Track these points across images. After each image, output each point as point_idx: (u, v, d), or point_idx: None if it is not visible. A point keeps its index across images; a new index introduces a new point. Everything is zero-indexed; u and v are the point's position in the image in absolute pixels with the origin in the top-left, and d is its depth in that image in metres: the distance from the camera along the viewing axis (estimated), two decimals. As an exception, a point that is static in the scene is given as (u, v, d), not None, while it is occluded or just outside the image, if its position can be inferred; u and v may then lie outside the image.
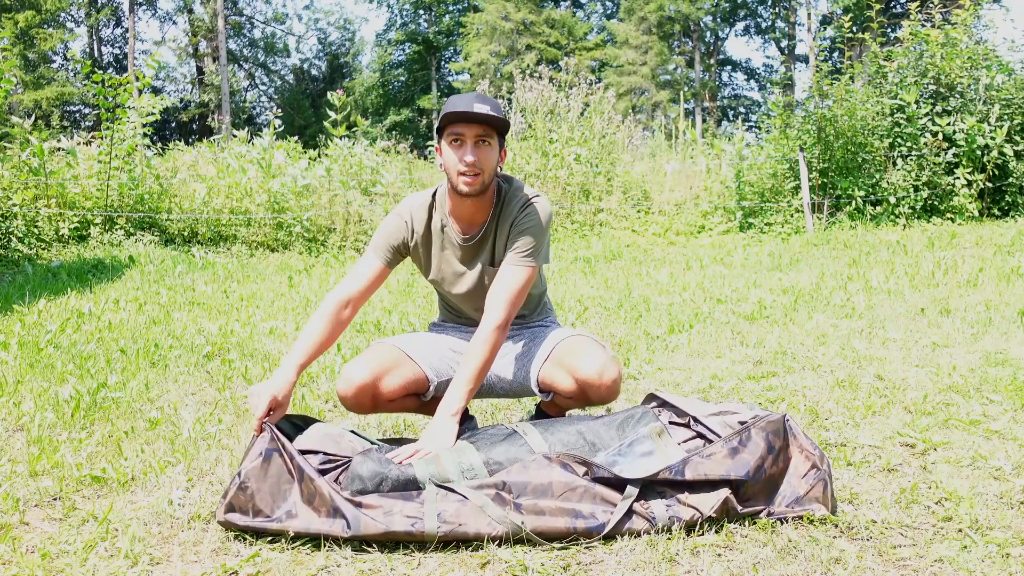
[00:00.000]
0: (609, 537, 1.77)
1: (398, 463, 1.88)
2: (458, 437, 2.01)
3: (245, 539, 1.80)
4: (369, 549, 1.76)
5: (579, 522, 1.77)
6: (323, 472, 1.89)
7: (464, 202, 2.18)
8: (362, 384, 2.16)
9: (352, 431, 2.07)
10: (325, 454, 1.94)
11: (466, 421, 2.46)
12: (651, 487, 1.83)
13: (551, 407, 2.37)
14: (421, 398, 2.33)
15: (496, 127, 2.10)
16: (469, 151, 2.08)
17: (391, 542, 1.78)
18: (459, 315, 2.44)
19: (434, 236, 2.27)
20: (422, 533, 1.75)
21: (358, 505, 1.77)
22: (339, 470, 1.93)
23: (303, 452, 1.91)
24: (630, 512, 1.79)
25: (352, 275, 2.23)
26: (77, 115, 32.22)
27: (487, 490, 1.81)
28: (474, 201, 2.17)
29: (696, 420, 2.03)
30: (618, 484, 1.82)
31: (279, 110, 10.98)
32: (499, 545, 1.76)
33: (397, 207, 2.30)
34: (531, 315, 2.44)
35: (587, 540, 1.77)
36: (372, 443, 2.06)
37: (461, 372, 2.08)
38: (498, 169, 2.18)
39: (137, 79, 8.07)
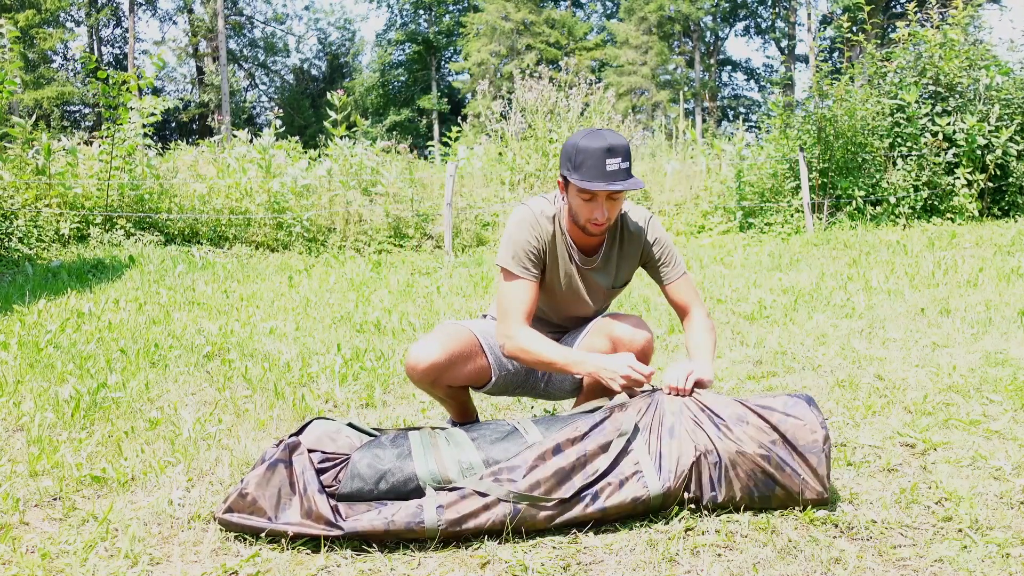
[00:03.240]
0: (604, 528, 1.77)
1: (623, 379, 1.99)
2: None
3: (245, 539, 1.80)
4: (369, 549, 1.76)
5: (575, 478, 1.82)
6: (322, 471, 1.89)
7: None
8: (436, 364, 2.16)
9: (350, 424, 2.07)
10: (323, 452, 1.94)
11: (470, 422, 2.46)
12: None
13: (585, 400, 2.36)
14: (475, 388, 2.34)
15: None
16: (599, 210, 2.09)
17: (391, 542, 1.78)
18: (540, 319, 2.41)
19: (558, 248, 2.25)
20: (422, 527, 1.76)
21: (356, 520, 1.78)
22: (338, 468, 1.93)
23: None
24: (625, 452, 1.87)
25: (515, 305, 2.16)
26: (77, 115, 32.22)
27: (484, 477, 1.84)
28: None
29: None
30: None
31: (279, 110, 10.98)
32: (499, 543, 1.76)
33: (522, 216, 2.22)
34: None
35: (587, 545, 1.77)
36: (371, 434, 2.05)
37: (704, 349, 2.17)
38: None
39: (140, 77, 8.06)
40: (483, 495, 1.80)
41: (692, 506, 1.89)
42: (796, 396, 1.97)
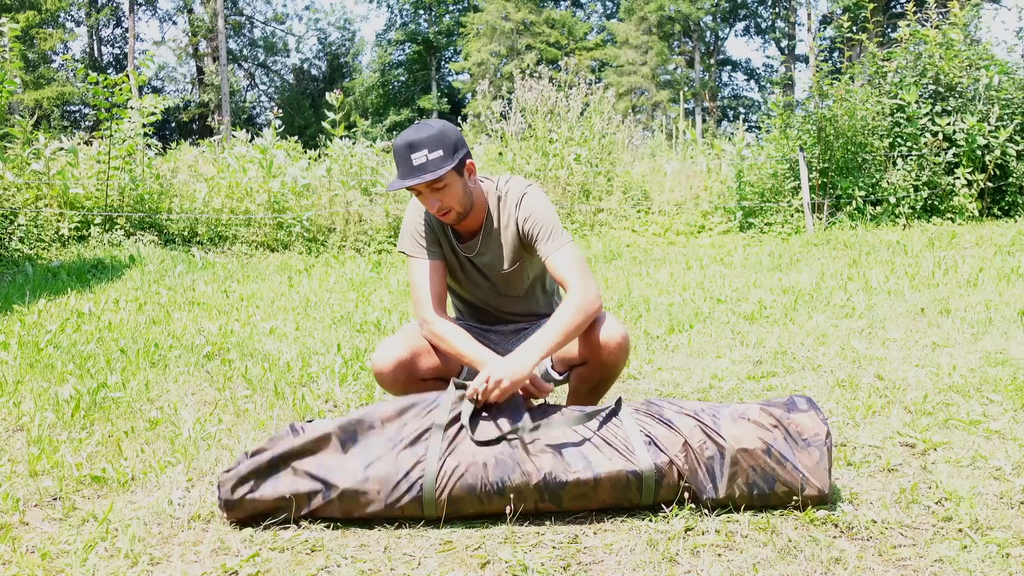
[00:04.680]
0: (604, 528, 1.77)
1: (470, 398, 1.92)
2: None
3: (245, 539, 1.80)
4: (369, 548, 1.76)
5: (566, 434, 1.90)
6: None
7: None
8: (400, 360, 2.17)
9: None
10: None
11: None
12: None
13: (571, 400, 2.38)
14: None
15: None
16: (428, 202, 2.09)
17: (392, 521, 1.78)
18: (475, 314, 2.44)
19: (448, 238, 2.28)
20: (420, 483, 1.80)
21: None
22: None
23: None
24: (614, 425, 1.92)
25: (424, 289, 2.19)
26: (77, 115, 32.22)
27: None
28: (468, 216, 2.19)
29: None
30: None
31: (279, 110, 10.99)
32: (500, 543, 1.76)
33: (411, 203, 2.28)
34: (546, 313, 2.45)
35: (587, 545, 1.77)
36: None
37: (548, 328, 2.02)
38: (469, 186, 2.15)
39: (132, 78, 8.04)
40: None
41: (692, 505, 1.89)
42: (796, 396, 1.99)
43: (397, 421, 1.89)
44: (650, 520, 1.86)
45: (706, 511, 1.89)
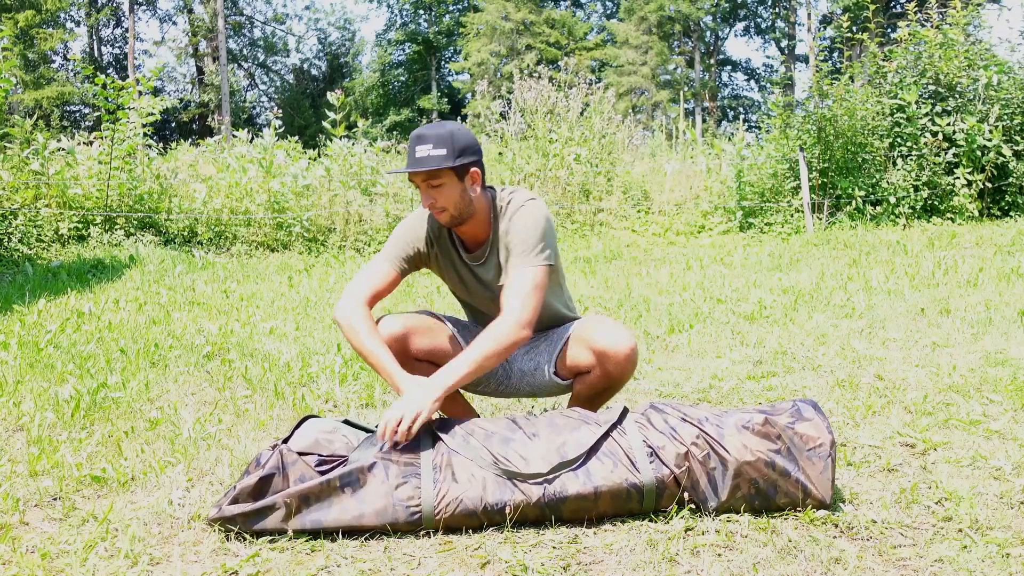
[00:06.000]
0: (604, 528, 1.77)
1: (380, 438, 1.89)
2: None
3: (245, 539, 1.80)
4: (369, 548, 1.76)
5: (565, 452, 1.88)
6: (318, 474, 1.88)
7: None
8: (393, 334, 2.19)
9: (346, 421, 2.06)
10: (320, 456, 1.92)
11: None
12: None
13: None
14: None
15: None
16: (424, 195, 2.11)
17: (392, 531, 1.78)
18: (480, 319, 2.43)
19: (445, 245, 2.28)
20: (418, 494, 1.79)
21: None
22: (334, 470, 1.92)
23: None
24: (617, 437, 1.90)
25: (365, 278, 2.21)
26: (77, 115, 32.21)
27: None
28: (468, 223, 2.18)
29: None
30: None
31: (279, 110, 10.99)
32: (500, 543, 1.76)
33: (415, 213, 2.29)
34: (556, 325, 2.43)
35: (587, 545, 1.77)
36: (368, 431, 2.04)
37: (464, 354, 2.02)
38: (470, 193, 2.13)
39: (139, 83, 8.07)
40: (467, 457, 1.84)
41: (692, 506, 1.89)
42: (801, 401, 1.97)
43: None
44: (650, 520, 1.86)
45: (706, 511, 1.89)
